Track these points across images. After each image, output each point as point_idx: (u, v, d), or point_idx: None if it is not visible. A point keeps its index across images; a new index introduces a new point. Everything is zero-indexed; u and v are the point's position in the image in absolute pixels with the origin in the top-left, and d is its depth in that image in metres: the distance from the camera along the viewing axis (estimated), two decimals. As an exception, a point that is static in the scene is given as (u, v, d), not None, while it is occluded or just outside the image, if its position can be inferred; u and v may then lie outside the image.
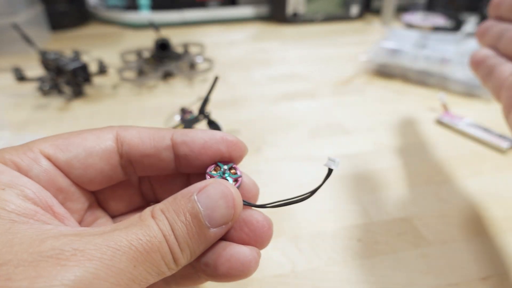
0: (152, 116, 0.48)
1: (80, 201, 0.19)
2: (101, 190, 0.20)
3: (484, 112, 0.49)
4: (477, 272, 0.27)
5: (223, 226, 0.17)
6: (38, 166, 0.17)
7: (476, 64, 0.31)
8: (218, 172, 0.19)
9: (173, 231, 0.15)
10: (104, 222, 0.21)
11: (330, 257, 0.28)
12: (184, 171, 0.20)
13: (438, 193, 0.35)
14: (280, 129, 0.45)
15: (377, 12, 0.95)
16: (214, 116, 0.39)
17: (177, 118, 0.43)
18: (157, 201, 0.22)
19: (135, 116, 0.48)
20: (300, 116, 0.49)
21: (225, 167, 0.19)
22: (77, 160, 0.18)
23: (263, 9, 0.91)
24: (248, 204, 0.19)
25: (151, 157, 0.19)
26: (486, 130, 0.43)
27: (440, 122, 0.46)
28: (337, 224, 0.31)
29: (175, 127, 0.37)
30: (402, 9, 0.93)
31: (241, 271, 0.17)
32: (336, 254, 0.29)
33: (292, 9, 0.87)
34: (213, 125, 0.39)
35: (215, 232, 0.16)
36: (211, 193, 0.16)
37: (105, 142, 0.18)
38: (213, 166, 0.19)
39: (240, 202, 0.17)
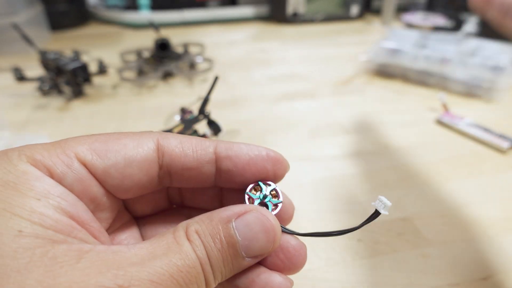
0: (152, 116, 0.48)
1: (110, 210, 0.18)
2: (131, 198, 0.20)
3: (484, 112, 0.49)
4: (477, 272, 0.27)
5: (259, 256, 0.16)
6: (73, 173, 0.15)
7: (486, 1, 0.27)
8: (258, 193, 0.18)
9: (208, 259, 0.15)
10: (129, 227, 0.20)
11: (330, 257, 0.28)
12: (223, 185, 0.19)
13: (438, 193, 0.35)
14: (280, 129, 0.45)
15: (377, 12, 0.95)
16: (214, 116, 0.39)
17: (177, 118, 0.43)
18: (182, 205, 0.21)
19: (135, 116, 0.48)
20: (300, 116, 0.49)
21: (267, 190, 0.18)
22: (115, 169, 0.16)
23: (263, 9, 0.91)
24: (288, 231, 0.18)
25: (192, 170, 0.18)
26: (486, 130, 0.43)
27: (440, 122, 0.46)
28: (337, 224, 0.31)
29: (175, 127, 0.37)
30: (402, 9, 0.93)
31: None
32: (336, 254, 0.29)
33: (292, 9, 0.87)
34: (213, 125, 0.39)
35: (250, 261, 0.16)
36: (251, 222, 0.15)
37: (147, 151, 0.17)
38: (253, 185, 0.18)
39: (279, 235, 0.16)
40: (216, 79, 0.35)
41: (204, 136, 0.38)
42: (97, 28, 0.87)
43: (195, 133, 0.37)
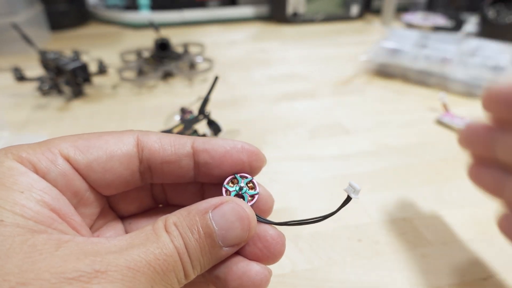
0: (152, 116, 0.48)
1: (94, 206, 0.19)
2: (114, 194, 0.20)
3: (484, 112, 0.49)
4: (477, 272, 0.27)
5: (236, 245, 0.17)
6: (56, 169, 0.16)
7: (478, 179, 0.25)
8: (235, 186, 0.19)
9: (186, 249, 0.15)
10: (114, 226, 0.20)
11: (330, 257, 0.28)
12: (202, 180, 0.19)
13: (439, 193, 0.35)
14: (280, 129, 0.45)
15: (377, 12, 0.95)
16: (214, 116, 0.39)
17: (177, 118, 0.43)
18: (167, 203, 0.22)
19: (135, 116, 0.48)
20: (300, 116, 0.49)
21: (243, 183, 0.19)
22: (97, 164, 0.17)
23: (263, 9, 0.91)
24: (264, 221, 0.19)
25: (171, 164, 0.19)
26: (486, 130, 0.43)
27: (440, 122, 0.46)
28: (337, 224, 0.31)
29: (175, 127, 0.37)
30: (402, 9, 0.93)
31: None
32: (336, 254, 0.29)
33: (292, 9, 0.87)
34: (213, 125, 0.39)
35: (227, 250, 0.16)
36: (227, 213, 0.16)
37: (127, 146, 0.18)
38: (230, 178, 0.19)
39: (254, 224, 0.17)
40: (216, 79, 0.35)
41: (204, 136, 0.38)
42: (97, 28, 0.87)
43: (195, 133, 0.37)
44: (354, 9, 0.90)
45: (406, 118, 0.48)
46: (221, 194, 0.19)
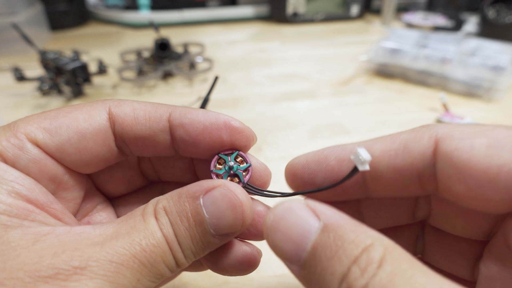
0: (152, 116, 0.48)
1: (76, 189, 0.17)
2: (97, 173, 0.18)
3: (484, 112, 0.49)
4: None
5: (230, 234, 0.15)
6: (25, 155, 0.15)
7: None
8: (224, 167, 0.17)
9: (176, 237, 0.14)
10: (104, 209, 0.19)
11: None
12: (185, 155, 0.18)
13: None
14: (280, 129, 0.45)
15: (377, 12, 0.95)
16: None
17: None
18: (159, 180, 0.20)
19: (135, 116, 0.48)
20: (300, 116, 0.49)
21: (231, 160, 0.17)
22: (70, 145, 0.16)
23: (263, 9, 0.91)
24: (260, 192, 0.17)
25: (146, 139, 0.17)
26: (486, 130, 0.43)
27: (440, 122, 0.46)
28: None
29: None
30: (402, 9, 0.93)
31: (241, 269, 0.17)
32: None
33: (292, 9, 0.87)
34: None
35: (221, 239, 0.15)
36: (218, 199, 0.15)
37: (99, 122, 0.16)
38: (216, 159, 0.17)
39: (248, 211, 0.15)
40: (216, 79, 0.35)
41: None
42: (97, 28, 0.87)
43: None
44: (354, 9, 0.90)
45: (406, 118, 0.48)
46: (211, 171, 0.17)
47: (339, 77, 0.60)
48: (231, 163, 0.17)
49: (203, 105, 0.37)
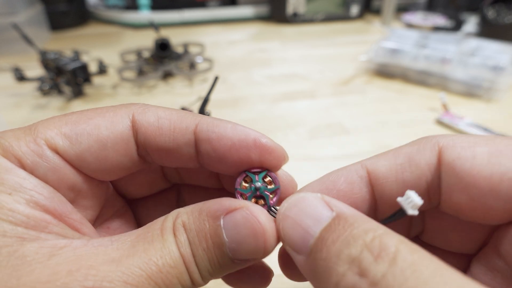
0: (152, 116, 0.48)
1: (95, 196, 0.16)
2: (119, 178, 0.18)
3: (484, 112, 0.49)
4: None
5: (250, 260, 0.14)
6: (45, 163, 0.14)
7: None
8: (250, 187, 0.16)
9: (194, 257, 0.13)
10: (123, 214, 0.18)
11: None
12: (209, 169, 0.17)
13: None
14: (280, 129, 0.45)
15: (377, 12, 0.95)
16: (214, 116, 0.39)
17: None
18: (182, 182, 0.19)
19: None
20: (300, 116, 0.49)
21: (258, 180, 0.16)
22: (89, 154, 0.15)
23: (263, 9, 0.91)
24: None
25: (169, 151, 0.16)
26: (486, 130, 0.43)
27: (440, 122, 0.46)
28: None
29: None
30: (402, 9, 0.93)
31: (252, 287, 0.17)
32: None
33: (292, 9, 0.87)
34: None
35: (240, 264, 0.14)
36: (239, 224, 0.13)
37: (121, 130, 0.15)
38: (242, 177, 0.16)
39: (271, 240, 0.14)
40: (216, 79, 0.35)
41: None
42: (97, 28, 0.87)
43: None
44: (354, 9, 0.90)
45: (406, 118, 0.48)
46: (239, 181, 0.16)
47: (339, 77, 0.60)
48: (258, 184, 0.16)
49: (203, 105, 0.37)
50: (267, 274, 0.17)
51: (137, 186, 0.19)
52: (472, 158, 0.14)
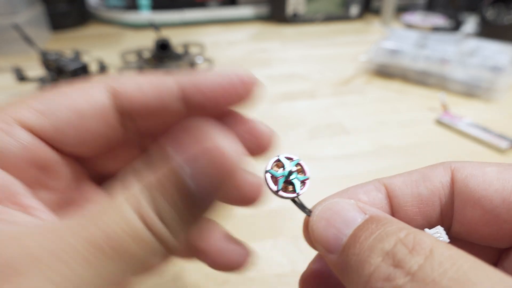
0: (153, 116, 0.48)
1: (67, 177, 0.16)
2: (94, 158, 0.17)
3: (483, 112, 0.49)
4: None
5: (214, 190, 0.12)
6: (14, 142, 0.13)
7: None
8: (281, 171, 0.16)
9: (153, 209, 0.11)
10: (95, 193, 0.17)
11: (330, 256, 0.28)
12: (198, 115, 0.16)
13: (438, 193, 0.35)
14: (280, 129, 0.45)
15: (377, 12, 0.95)
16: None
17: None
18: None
19: (135, 116, 0.48)
20: (300, 116, 0.49)
21: (291, 166, 0.16)
22: (67, 125, 0.14)
23: (263, 9, 0.91)
24: (305, 211, 0.16)
25: (156, 112, 0.15)
26: (485, 130, 0.43)
27: (440, 122, 0.46)
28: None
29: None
30: (402, 9, 0.93)
31: (231, 269, 0.17)
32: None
33: (292, 9, 0.87)
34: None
35: (203, 195, 0.12)
36: (199, 155, 0.12)
37: (99, 98, 0.15)
38: (274, 161, 0.16)
39: (236, 164, 0.12)
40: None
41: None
42: (97, 28, 0.87)
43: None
44: (354, 9, 0.90)
45: (406, 118, 0.48)
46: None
47: (339, 77, 0.60)
48: (291, 169, 0.16)
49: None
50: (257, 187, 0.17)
51: (109, 163, 0.18)
52: (483, 174, 0.14)
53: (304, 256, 0.28)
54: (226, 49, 0.73)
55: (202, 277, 0.27)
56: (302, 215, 0.16)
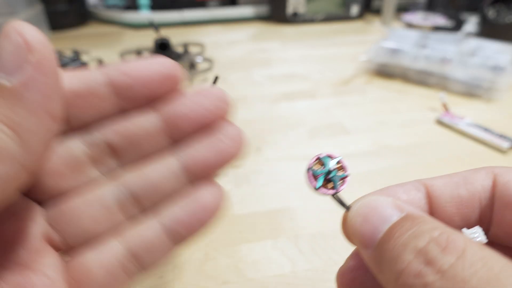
0: (152, 116, 0.48)
1: None
2: None
3: (484, 112, 0.49)
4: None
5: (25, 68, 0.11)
6: None
7: None
8: (322, 169, 0.17)
9: None
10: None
11: (330, 257, 0.28)
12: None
13: (438, 193, 0.35)
14: (280, 129, 0.45)
15: (377, 12, 0.95)
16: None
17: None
18: None
19: (135, 116, 0.48)
20: (300, 116, 0.49)
21: (331, 164, 0.17)
22: None
23: (263, 9, 0.91)
24: (345, 206, 0.16)
25: (85, 98, 0.15)
26: (486, 130, 0.43)
27: (440, 122, 0.46)
28: (337, 224, 0.31)
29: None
30: (402, 9, 0.93)
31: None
32: (336, 254, 0.29)
33: (292, 9, 0.87)
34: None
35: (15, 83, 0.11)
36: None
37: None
38: (314, 159, 0.17)
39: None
40: (216, 78, 0.35)
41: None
42: (97, 28, 0.87)
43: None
44: (354, 9, 0.90)
45: (406, 118, 0.48)
46: None
47: (339, 77, 0.60)
48: (331, 167, 0.17)
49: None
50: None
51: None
52: None
53: (304, 256, 0.28)
54: (226, 49, 0.73)
55: (202, 277, 0.27)
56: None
